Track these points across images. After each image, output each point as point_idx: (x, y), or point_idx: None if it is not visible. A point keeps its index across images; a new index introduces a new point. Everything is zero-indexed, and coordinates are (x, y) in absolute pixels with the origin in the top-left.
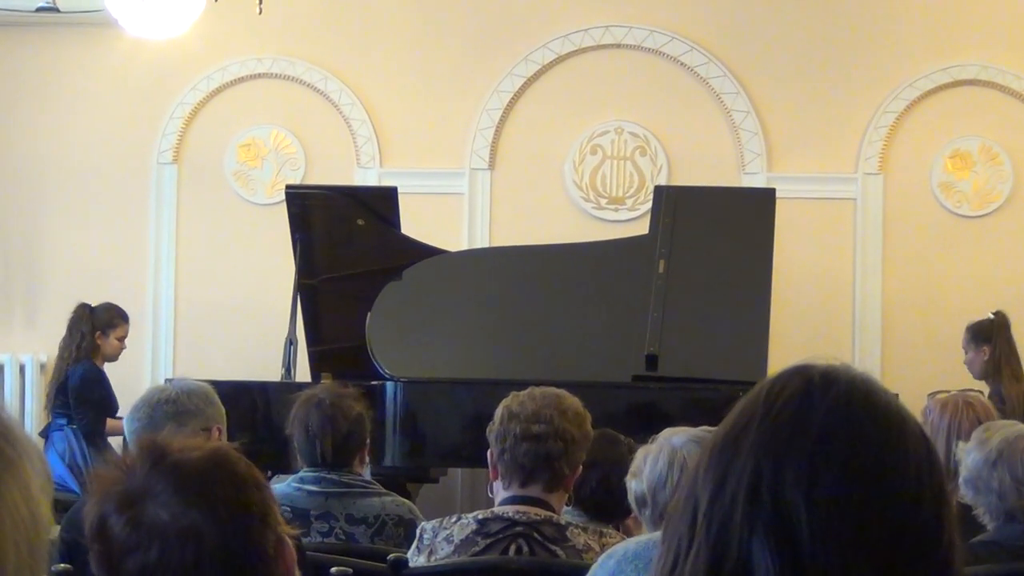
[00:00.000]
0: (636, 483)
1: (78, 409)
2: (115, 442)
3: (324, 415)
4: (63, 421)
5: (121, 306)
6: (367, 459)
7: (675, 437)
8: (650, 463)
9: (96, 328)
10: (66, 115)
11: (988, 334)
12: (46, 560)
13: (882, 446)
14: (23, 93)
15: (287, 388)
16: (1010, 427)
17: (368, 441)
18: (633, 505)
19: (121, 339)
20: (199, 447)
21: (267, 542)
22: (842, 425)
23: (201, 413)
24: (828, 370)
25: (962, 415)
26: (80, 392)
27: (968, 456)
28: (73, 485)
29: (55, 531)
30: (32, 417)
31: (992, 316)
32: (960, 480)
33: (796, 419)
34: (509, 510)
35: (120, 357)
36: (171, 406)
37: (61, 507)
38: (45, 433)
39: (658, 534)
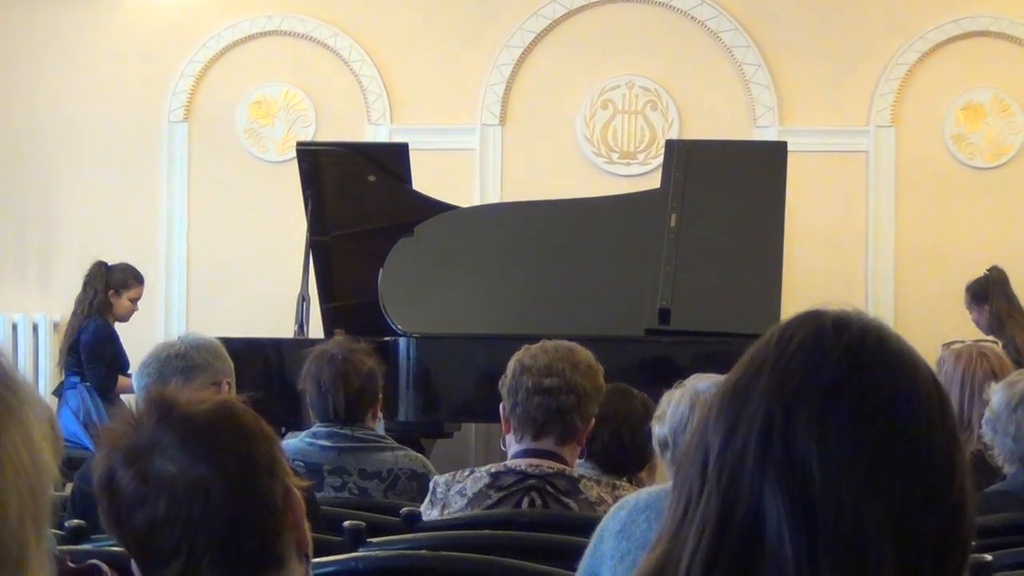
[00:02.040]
0: (659, 427)
1: (90, 365)
2: (128, 400)
3: (336, 370)
4: (76, 379)
5: (134, 265)
6: (380, 414)
7: (700, 382)
8: (672, 406)
9: (110, 287)
10: (78, 74)
11: (985, 291)
12: (49, 507)
13: (894, 392)
14: (35, 54)
15: (300, 345)
16: None
17: (380, 396)
18: (656, 448)
19: (134, 300)
20: (206, 400)
21: (275, 493)
22: (854, 371)
23: (210, 367)
24: (840, 316)
25: (976, 365)
26: (92, 348)
27: (994, 397)
28: (87, 442)
29: (68, 487)
30: (46, 376)
31: (987, 273)
32: (983, 419)
33: (808, 365)
34: (522, 463)
35: (132, 318)
36: (180, 361)
37: (76, 463)
38: (59, 391)
39: (670, 484)
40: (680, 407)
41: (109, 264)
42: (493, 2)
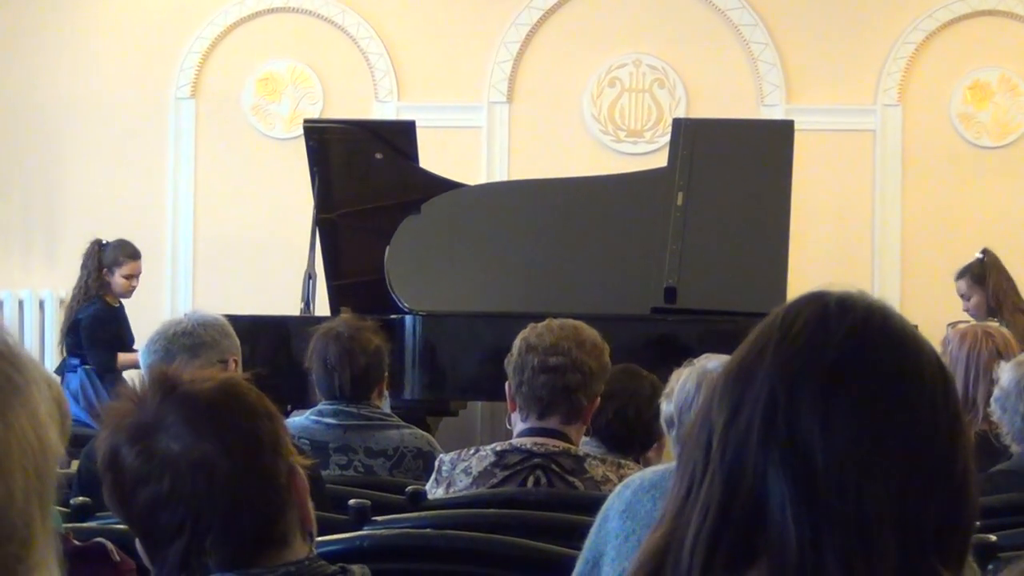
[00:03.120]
0: (666, 404)
1: (90, 350)
2: (131, 376)
3: (342, 348)
4: (76, 361)
5: (136, 242)
6: (386, 392)
7: (710, 362)
8: (680, 384)
9: (103, 266)
10: (84, 50)
11: (984, 271)
12: (55, 486)
13: (898, 373)
14: (42, 30)
15: (306, 322)
16: None
17: (386, 374)
18: (663, 425)
19: (129, 277)
20: (210, 378)
21: (279, 472)
22: (858, 351)
23: (217, 345)
24: (844, 297)
25: (981, 345)
26: (90, 331)
27: (1004, 376)
28: (89, 421)
29: (74, 465)
30: (52, 352)
31: (982, 255)
32: (992, 398)
33: (812, 345)
34: (527, 442)
35: (134, 294)
36: (187, 338)
37: (79, 442)
38: (60, 371)
39: (675, 464)
40: (687, 385)
41: (104, 242)
42: None
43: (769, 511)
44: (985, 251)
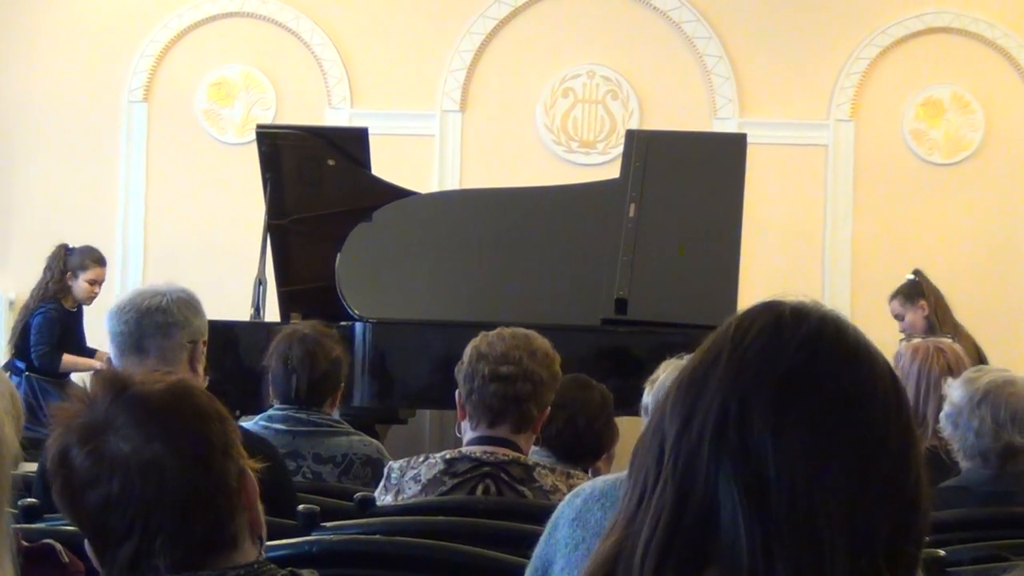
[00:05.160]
0: (647, 393)
1: (36, 346)
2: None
3: (306, 350)
4: (22, 365)
5: (94, 246)
6: (338, 403)
7: None
8: (663, 376)
9: (67, 269)
10: (36, 52)
11: (920, 289)
12: (10, 484)
13: (851, 383)
14: None
15: (256, 327)
16: (1000, 371)
17: (342, 386)
18: (643, 413)
19: (93, 283)
20: (160, 380)
21: (229, 474)
22: (811, 361)
23: (189, 325)
24: (798, 306)
25: (933, 360)
26: (39, 330)
27: (954, 391)
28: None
29: (32, 466)
30: (0, 354)
31: (915, 276)
32: (942, 414)
33: (764, 355)
34: (476, 450)
35: (93, 302)
36: (161, 315)
37: (27, 444)
38: (5, 370)
39: (626, 473)
40: (670, 377)
41: (71, 247)
42: None
43: (721, 520)
44: (916, 272)
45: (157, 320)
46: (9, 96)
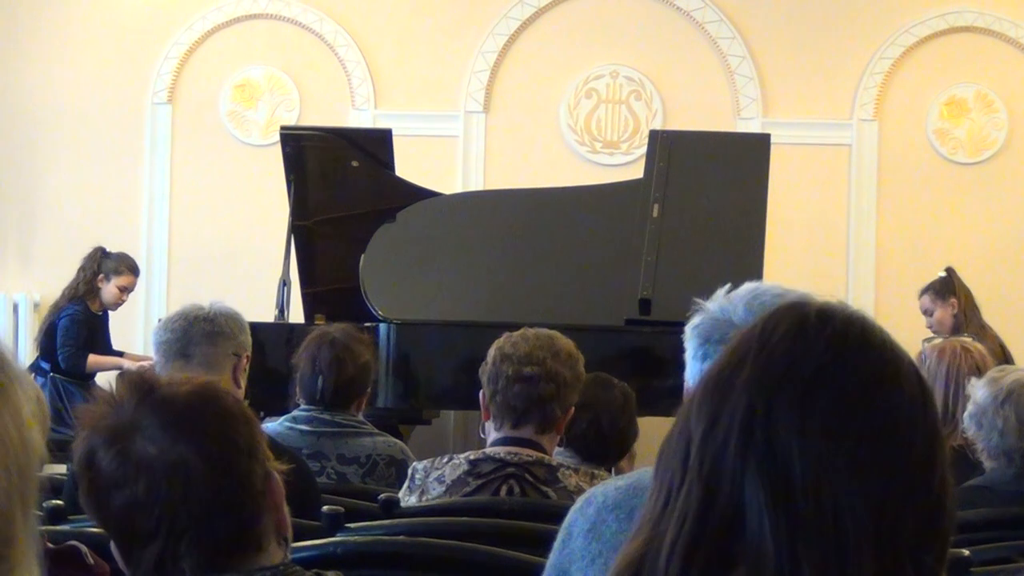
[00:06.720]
0: None
1: (62, 347)
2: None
3: (335, 354)
4: (47, 366)
5: (111, 247)
6: (364, 406)
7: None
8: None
9: (100, 271)
10: (61, 55)
11: (952, 287)
12: (37, 485)
13: (876, 384)
14: (20, 34)
15: (280, 329)
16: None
17: (369, 391)
18: None
19: (123, 289)
20: (188, 382)
21: (255, 476)
22: (837, 362)
23: (235, 337)
24: (824, 307)
25: (960, 360)
26: (65, 330)
27: (978, 391)
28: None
29: (57, 468)
30: (25, 356)
31: (947, 272)
32: (966, 414)
33: (790, 356)
34: (501, 451)
35: (118, 308)
36: (207, 324)
37: (52, 446)
38: (30, 371)
39: (636, 478)
40: None
41: (107, 250)
42: None
43: (746, 521)
44: (949, 269)
45: (204, 328)
46: (34, 99)
